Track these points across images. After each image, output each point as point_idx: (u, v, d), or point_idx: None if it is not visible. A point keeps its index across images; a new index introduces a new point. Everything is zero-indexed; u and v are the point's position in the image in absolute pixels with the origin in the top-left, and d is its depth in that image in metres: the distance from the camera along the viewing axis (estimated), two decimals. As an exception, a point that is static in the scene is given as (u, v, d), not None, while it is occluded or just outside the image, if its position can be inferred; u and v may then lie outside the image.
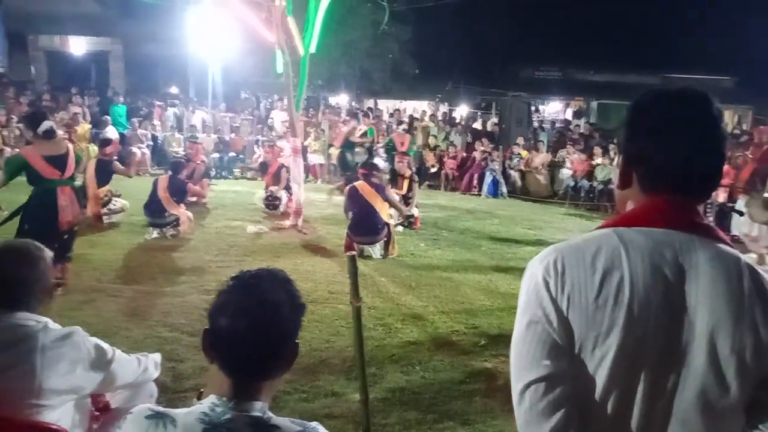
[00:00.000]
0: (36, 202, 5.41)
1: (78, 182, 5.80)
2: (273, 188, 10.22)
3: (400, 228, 8.73)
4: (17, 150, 5.52)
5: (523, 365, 1.15)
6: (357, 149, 14.23)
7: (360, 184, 7.66)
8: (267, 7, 8.55)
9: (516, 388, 1.15)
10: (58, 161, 5.42)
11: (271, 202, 10.14)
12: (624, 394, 1.11)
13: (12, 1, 20.27)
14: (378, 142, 14.67)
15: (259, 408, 1.36)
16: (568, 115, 23.44)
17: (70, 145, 5.65)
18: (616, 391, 1.11)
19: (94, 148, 13.40)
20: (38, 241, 4.79)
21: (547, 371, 1.12)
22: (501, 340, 4.88)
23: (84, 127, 14.45)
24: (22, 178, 5.47)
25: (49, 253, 2.16)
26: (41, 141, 5.41)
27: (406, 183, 9.14)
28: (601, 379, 1.11)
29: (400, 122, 16.12)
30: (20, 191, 5.84)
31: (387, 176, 9.90)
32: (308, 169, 13.71)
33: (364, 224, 7.41)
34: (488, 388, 4.08)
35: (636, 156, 1.21)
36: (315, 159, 14.73)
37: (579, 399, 1.12)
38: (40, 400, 1.94)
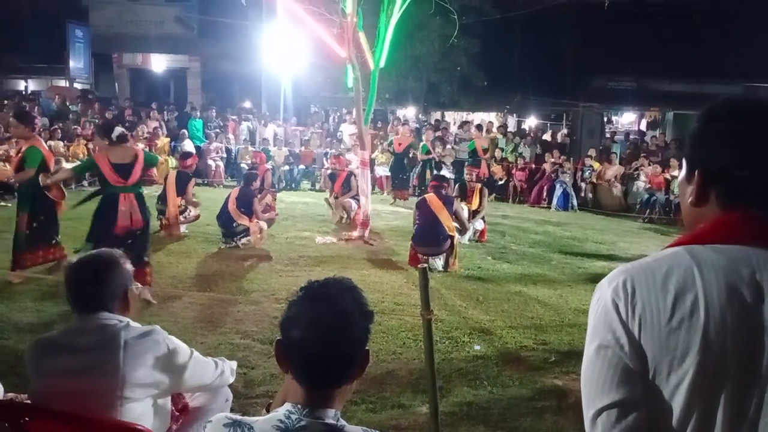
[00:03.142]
0: (102, 205, 5.72)
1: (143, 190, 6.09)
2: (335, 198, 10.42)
3: (466, 240, 8.67)
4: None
5: (593, 391, 1.11)
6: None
7: (430, 196, 7.70)
8: (339, 23, 8.74)
9: (587, 414, 1.12)
10: (124, 169, 5.64)
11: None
12: (703, 420, 1.06)
13: (100, 22, 21.53)
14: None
15: (333, 415, 1.39)
16: (643, 126, 22.67)
17: (141, 154, 5.84)
18: (694, 417, 1.06)
19: (172, 161, 14.03)
20: (100, 241, 5.11)
21: (620, 397, 1.08)
22: (572, 357, 4.77)
23: (163, 140, 15.16)
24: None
25: (125, 260, 2.30)
26: (113, 147, 5.71)
27: (477, 195, 9.10)
28: (677, 405, 1.07)
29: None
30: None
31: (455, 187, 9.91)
32: (375, 181, 13.85)
33: (427, 235, 7.39)
34: (559, 406, 3.98)
35: (717, 171, 1.16)
36: (381, 171, 14.88)
37: (654, 426, 1.08)
38: (124, 393, 2.08)
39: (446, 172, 13.98)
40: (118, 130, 5.83)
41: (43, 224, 6.15)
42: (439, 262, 7.47)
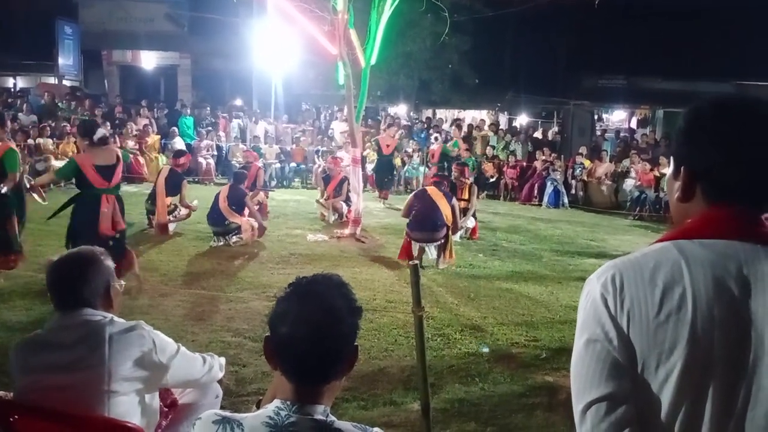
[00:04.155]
0: (81, 206, 5.61)
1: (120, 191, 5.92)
2: (333, 200, 10.38)
3: (457, 238, 8.67)
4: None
5: (583, 385, 1.12)
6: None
7: (430, 187, 7.74)
8: (330, 20, 8.72)
9: (577, 408, 1.12)
10: (107, 171, 5.57)
11: None
12: (692, 413, 1.07)
13: (89, 18, 21.38)
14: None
15: (322, 411, 1.39)
16: (633, 123, 22.79)
17: (120, 154, 5.79)
18: (683, 410, 1.07)
19: (163, 158, 13.96)
20: (79, 243, 4.97)
21: (609, 391, 1.08)
22: (562, 354, 4.78)
23: (153, 138, 15.08)
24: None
25: (106, 257, 2.30)
26: (95, 149, 5.60)
27: (466, 193, 9.14)
28: (666, 398, 1.07)
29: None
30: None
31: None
32: (366, 179, 13.84)
33: (426, 220, 7.34)
34: (550, 403, 4.00)
35: (702, 169, 1.16)
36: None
37: (643, 419, 1.08)
38: (111, 387, 2.07)
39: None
40: (101, 131, 5.73)
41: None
42: (433, 250, 7.45)
